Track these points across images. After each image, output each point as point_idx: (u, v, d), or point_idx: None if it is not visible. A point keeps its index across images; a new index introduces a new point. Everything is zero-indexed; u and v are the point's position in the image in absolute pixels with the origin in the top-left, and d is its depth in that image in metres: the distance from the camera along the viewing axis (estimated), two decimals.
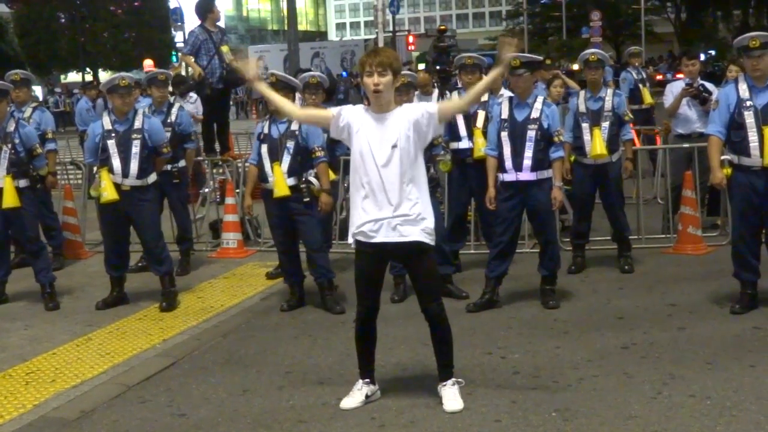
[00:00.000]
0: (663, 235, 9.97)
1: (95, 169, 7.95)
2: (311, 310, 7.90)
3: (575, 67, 25.14)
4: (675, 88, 10.37)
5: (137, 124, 7.97)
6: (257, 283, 8.91)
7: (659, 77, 34.86)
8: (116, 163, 7.83)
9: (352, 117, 5.32)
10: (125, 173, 7.84)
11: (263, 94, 6.17)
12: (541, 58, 8.83)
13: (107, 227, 8.32)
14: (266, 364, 6.49)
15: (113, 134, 7.88)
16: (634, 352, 6.36)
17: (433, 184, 7.69)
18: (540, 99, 7.57)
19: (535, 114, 7.41)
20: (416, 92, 9.12)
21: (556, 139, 7.44)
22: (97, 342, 7.16)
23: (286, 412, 5.53)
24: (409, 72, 8.63)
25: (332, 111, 5.45)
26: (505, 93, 8.30)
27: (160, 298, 8.09)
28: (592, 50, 9.34)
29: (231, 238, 10.25)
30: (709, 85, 10.21)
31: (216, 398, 5.84)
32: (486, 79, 5.25)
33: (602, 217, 9.10)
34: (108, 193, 7.78)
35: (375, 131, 5.23)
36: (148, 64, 16.29)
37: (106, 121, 7.97)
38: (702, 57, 42.53)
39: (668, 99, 10.34)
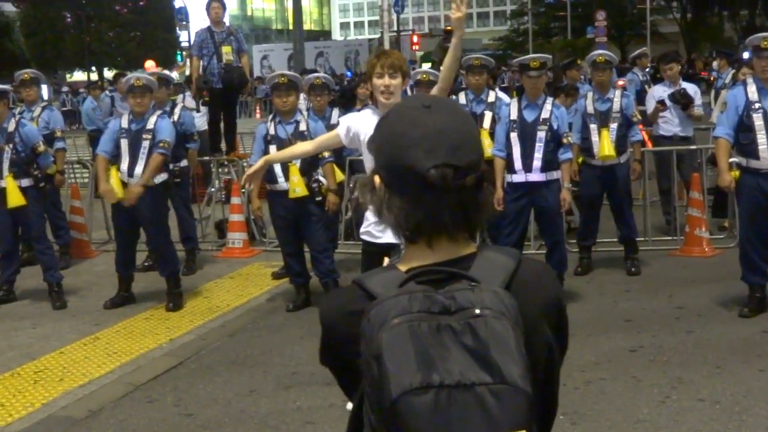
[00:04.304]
0: (670, 237, 9.94)
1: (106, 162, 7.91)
2: (317, 310, 7.85)
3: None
4: (656, 92, 10.31)
5: (150, 125, 7.97)
6: (263, 283, 8.90)
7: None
8: (124, 163, 7.83)
9: (358, 125, 5.20)
10: (130, 173, 7.84)
11: (271, 162, 6.04)
12: (550, 56, 8.77)
13: (119, 226, 8.25)
14: (272, 365, 6.49)
15: (127, 133, 7.87)
16: (642, 355, 6.34)
17: None
18: (549, 100, 7.56)
19: (545, 114, 7.40)
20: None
21: (564, 140, 7.42)
22: (104, 341, 7.16)
23: (293, 413, 5.53)
24: (431, 71, 8.72)
25: (338, 128, 5.40)
26: (499, 95, 8.38)
27: (166, 298, 8.10)
28: (600, 51, 9.31)
29: (237, 238, 10.24)
30: (690, 87, 10.11)
31: (223, 398, 5.84)
32: (450, 53, 5.11)
33: (609, 219, 9.08)
34: (116, 190, 7.79)
35: None
36: (149, 65, 15.84)
37: (124, 120, 7.97)
38: (746, 55, 41.61)
39: (650, 104, 10.29)
